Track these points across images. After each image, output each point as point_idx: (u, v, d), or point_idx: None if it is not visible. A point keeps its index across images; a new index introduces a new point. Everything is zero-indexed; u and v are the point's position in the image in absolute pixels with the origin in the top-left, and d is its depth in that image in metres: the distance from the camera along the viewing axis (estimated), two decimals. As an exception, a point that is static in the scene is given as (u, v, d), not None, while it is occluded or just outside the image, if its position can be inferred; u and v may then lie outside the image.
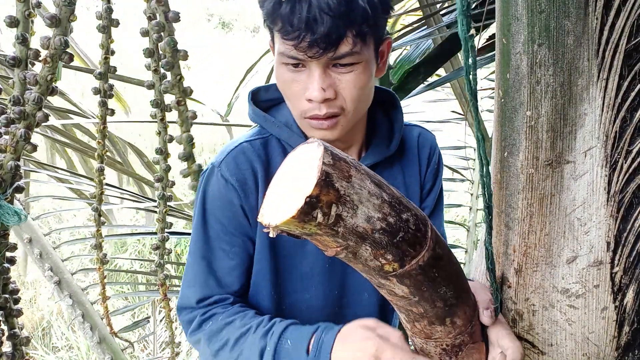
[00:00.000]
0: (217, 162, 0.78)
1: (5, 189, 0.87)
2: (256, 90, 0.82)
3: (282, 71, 0.71)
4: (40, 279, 3.27)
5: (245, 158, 0.77)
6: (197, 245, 0.79)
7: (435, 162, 0.90)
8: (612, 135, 0.62)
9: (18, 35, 0.85)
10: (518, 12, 0.61)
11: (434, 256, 0.51)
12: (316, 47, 0.65)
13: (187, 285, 0.80)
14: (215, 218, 0.78)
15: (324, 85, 0.68)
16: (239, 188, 0.75)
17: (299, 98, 0.71)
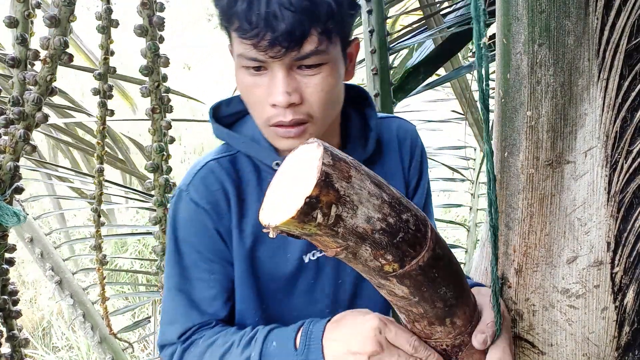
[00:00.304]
0: (185, 186, 0.72)
1: (5, 190, 0.87)
2: (217, 105, 0.76)
3: (242, 75, 0.65)
4: (40, 279, 3.27)
5: (215, 178, 0.72)
6: (174, 278, 0.74)
7: (419, 155, 0.84)
8: (612, 136, 0.62)
9: (17, 35, 0.85)
10: (518, 12, 0.61)
11: (434, 256, 0.51)
12: (278, 46, 0.59)
13: (168, 322, 0.75)
14: (190, 245, 0.73)
15: (288, 88, 0.62)
16: (212, 211, 0.71)
17: (262, 104, 0.65)
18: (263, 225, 0.45)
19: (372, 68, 1.39)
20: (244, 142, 0.73)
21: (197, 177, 0.72)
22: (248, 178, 0.74)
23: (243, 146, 0.73)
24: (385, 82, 1.40)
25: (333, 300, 0.78)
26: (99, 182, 1.16)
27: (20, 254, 1.75)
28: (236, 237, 0.72)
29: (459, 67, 1.55)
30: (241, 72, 0.65)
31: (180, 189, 0.74)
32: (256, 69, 0.64)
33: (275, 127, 0.66)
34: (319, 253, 0.75)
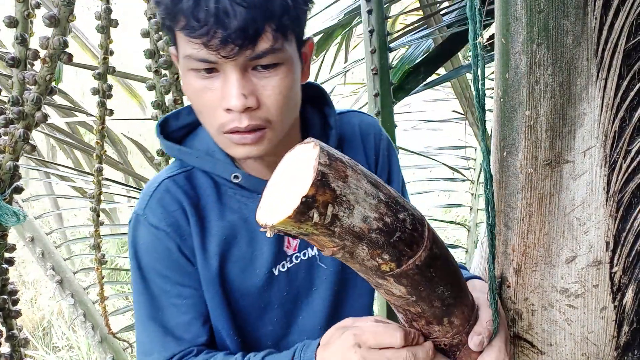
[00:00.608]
0: (141, 210, 0.68)
1: (4, 190, 0.87)
2: (164, 120, 0.71)
3: (191, 79, 0.59)
4: (40, 279, 3.27)
5: (171, 198, 0.67)
6: (144, 308, 0.69)
7: (385, 148, 0.80)
8: (611, 135, 0.62)
9: (17, 35, 0.85)
10: (517, 12, 0.61)
11: (431, 256, 0.51)
12: (230, 44, 0.54)
13: (144, 353, 0.70)
14: (156, 272, 0.68)
15: (243, 90, 0.57)
16: (173, 232, 0.67)
17: (215, 109, 0.60)
18: (260, 225, 0.45)
19: (372, 68, 1.39)
20: (197, 157, 0.68)
21: (153, 199, 0.68)
22: (207, 194, 0.69)
23: (197, 161, 0.69)
24: (385, 82, 1.40)
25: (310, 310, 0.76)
26: (98, 182, 1.16)
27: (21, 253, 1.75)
28: (200, 258, 0.68)
29: (459, 67, 1.55)
30: (190, 76, 0.60)
31: (136, 213, 0.69)
32: (207, 71, 0.58)
33: (230, 134, 0.61)
34: (288, 264, 0.73)
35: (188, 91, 0.62)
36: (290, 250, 0.73)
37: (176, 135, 0.72)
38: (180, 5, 0.55)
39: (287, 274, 0.73)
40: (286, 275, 0.73)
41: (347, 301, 0.79)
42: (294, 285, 0.74)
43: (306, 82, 0.71)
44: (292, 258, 0.73)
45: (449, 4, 1.57)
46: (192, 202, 0.68)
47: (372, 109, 1.43)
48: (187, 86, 0.62)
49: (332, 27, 1.70)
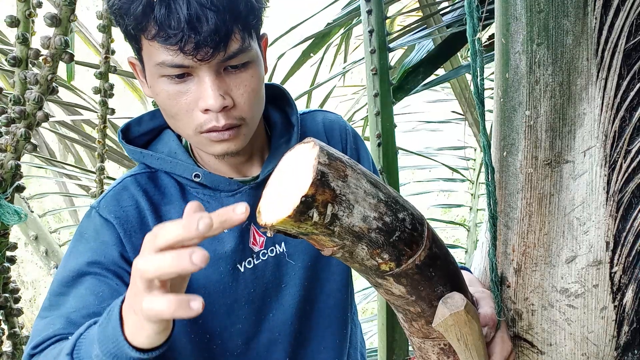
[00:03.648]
0: (96, 203, 0.69)
1: (6, 189, 0.87)
2: (125, 127, 0.72)
3: (163, 85, 0.61)
4: (40, 279, 3.27)
5: (129, 194, 0.69)
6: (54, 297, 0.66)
7: (352, 142, 0.82)
8: (611, 135, 0.62)
9: (19, 35, 0.86)
10: (517, 12, 0.61)
11: (431, 255, 0.51)
12: (204, 47, 0.57)
13: (45, 309, 0.66)
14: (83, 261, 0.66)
15: (220, 91, 0.60)
16: (119, 226, 0.67)
17: (191, 112, 0.62)
18: (260, 225, 0.46)
19: (372, 68, 1.39)
20: (159, 159, 0.70)
21: (110, 194, 0.69)
22: (170, 193, 0.70)
23: (158, 163, 0.70)
24: (385, 82, 1.40)
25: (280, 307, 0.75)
26: (100, 180, 1.16)
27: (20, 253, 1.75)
28: None
29: (458, 67, 1.55)
30: (161, 82, 0.61)
31: (91, 206, 0.70)
32: (179, 77, 0.60)
33: (207, 133, 0.63)
34: (255, 260, 0.73)
35: (159, 97, 0.63)
36: (256, 247, 0.73)
37: (139, 141, 0.74)
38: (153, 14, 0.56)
39: (253, 270, 0.73)
40: (253, 272, 0.73)
41: (319, 298, 0.78)
42: (262, 282, 0.74)
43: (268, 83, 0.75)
44: (259, 255, 0.73)
45: (449, 4, 1.57)
46: (151, 201, 0.69)
47: (371, 109, 1.43)
48: (158, 91, 0.63)
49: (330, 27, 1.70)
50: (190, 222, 0.40)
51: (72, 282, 0.66)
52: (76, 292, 0.65)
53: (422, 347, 0.62)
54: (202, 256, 0.40)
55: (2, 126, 0.87)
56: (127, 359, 0.49)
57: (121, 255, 0.67)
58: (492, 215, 0.64)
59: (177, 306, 0.41)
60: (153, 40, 0.58)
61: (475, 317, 0.56)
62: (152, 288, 0.44)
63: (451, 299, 0.54)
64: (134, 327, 0.47)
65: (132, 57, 0.67)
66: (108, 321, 0.50)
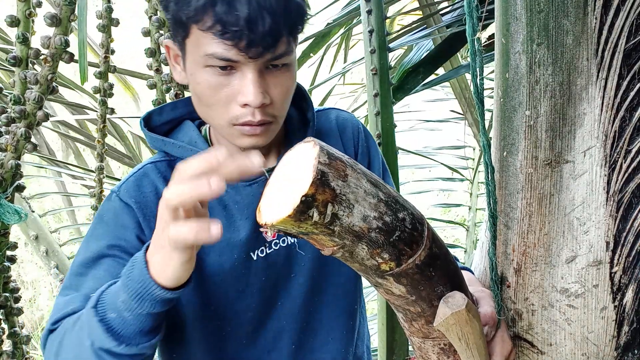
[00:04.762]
0: (117, 187, 0.71)
1: (6, 188, 0.87)
2: (147, 115, 0.75)
3: (206, 75, 0.63)
4: (40, 279, 3.27)
5: (149, 181, 0.71)
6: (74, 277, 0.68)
7: (363, 140, 0.84)
8: (611, 135, 0.62)
9: (19, 34, 0.86)
10: (517, 12, 0.61)
11: (431, 255, 0.51)
12: (257, 46, 0.60)
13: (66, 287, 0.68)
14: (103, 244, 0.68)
15: (261, 89, 0.63)
16: (138, 210, 0.68)
17: (229, 104, 0.64)
18: (260, 224, 0.46)
19: (372, 68, 1.40)
20: (180, 147, 0.72)
21: (131, 179, 0.71)
22: None
23: (179, 151, 0.72)
24: (385, 82, 1.40)
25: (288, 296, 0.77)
26: (99, 180, 1.16)
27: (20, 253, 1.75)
28: None
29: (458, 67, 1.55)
30: (205, 72, 0.63)
31: (112, 191, 0.72)
32: (224, 69, 0.62)
33: (241, 126, 0.65)
34: (267, 250, 0.74)
35: (200, 85, 0.65)
36: (269, 237, 0.75)
37: (160, 130, 0.76)
38: (214, 9, 0.58)
39: (265, 259, 0.74)
40: (265, 260, 0.74)
41: (328, 289, 0.80)
42: (273, 271, 0.75)
43: None
44: (272, 244, 0.75)
45: (449, 4, 1.57)
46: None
47: (371, 109, 1.43)
48: (200, 81, 0.65)
49: (330, 27, 1.70)
50: (211, 154, 0.46)
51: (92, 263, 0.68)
52: (95, 273, 0.67)
53: (422, 347, 0.62)
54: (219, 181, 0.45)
55: (3, 126, 0.87)
56: (153, 297, 0.54)
57: (139, 239, 0.69)
58: (492, 215, 0.64)
59: (199, 229, 0.47)
60: (207, 32, 0.60)
61: (476, 316, 0.56)
62: (178, 217, 0.49)
63: (452, 298, 0.54)
64: (160, 264, 0.52)
65: (169, 41, 0.68)
66: (132, 267, 0.55)
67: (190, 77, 0.66)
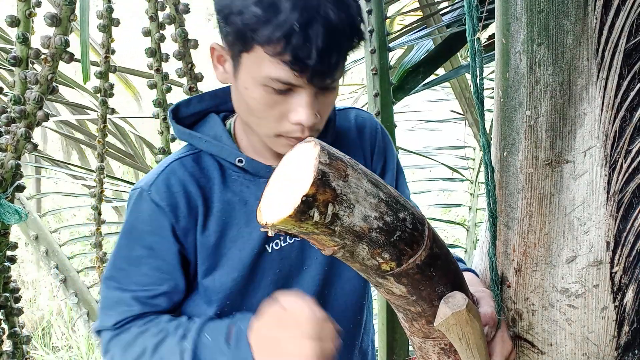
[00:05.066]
0: (147, 186, 0.73)
1: (6, 188, 0.87)
2: (175, 107, 0.77)
3: (262, 93, 0.65)
4: (40, 279, 3.27)
5: (177, 179, 0.72)
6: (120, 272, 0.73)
7: (380, 140, 0.86)
8: (611, 135, 0.62)
9: (19, 34, 0.86)
10: (517, 12, 0.62)
11: (432, 255, 0.51)
12: (322, 76, 0.63)
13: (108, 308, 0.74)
14: (143, 242, 0.73)
15: (314, 110, 0.65)
16: (170, 212, 0.71)
17: (280, 119, 0.67)
18: (261, 224, 0.46)
19: (372, 68, 1.40)
20: (206, 141, 0.74)
21: (160, 178, 0.73)
22: (213, 176, 0.74)
23: (205, 145, 0.74)
24: (385, 82, 1.40)
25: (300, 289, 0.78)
26: (99, 180, 1.16)
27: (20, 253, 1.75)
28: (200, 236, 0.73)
29: (458, 67, 1.55)
30: (261, 90, 0.65)
31: (142, 189, 0.73)
32: (281, 90, 0.64)
33: (287, 138, 0.68)
34: (282, 242, 0.77)
35: (253, 101, 0.67)
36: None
37: (186, 121, 0.77)
38: (290, 40, 0.60)
39: (280, 252, 0.76)
40: (279, 253, 0.76)
41: (337, 283, 0.82)
42: (287, 263, 0.77)
43: None
44: (287, 237, 0.77)
45: (448, 4, 1.57)
46: (197, 184, 0.73)
47: (372, 109, 1.43)
48: (254, 97, 0.66)
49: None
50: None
51: (134, 260, 0.73)
52: (138, 271, 0.72)
53: (422, 346, 0.62)
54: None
55: (3, 125, 0.87)
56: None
57: (175, 237, 0.72)
58: (492, 215, 0.64)
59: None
60: (275, 57, 0.61)
61: (477, 317, 0.56)
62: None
63: (453, 298, 0.54)
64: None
65: (218, 45, 0.69)
66: (238, 344, 0.63)
67: (243, 89, 0.67)
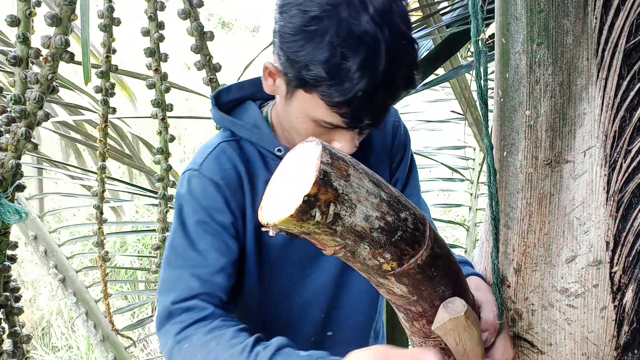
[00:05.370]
0: (197, 165, 0.75)
1: (7, 188, 0.87)
2: (217, 93, 0.80)
3: (312, 126, 0.68)
4: (40, 279, 3.27)
5: (227, 158, 0.75)
6: (178, 250, 0.74)
7: (402, 135, 0.90)
8: (611, 135, 0.62)
9: (19, 34, 0.86)
10: (517, 12, 0.62)
11: (433, 255, 0.52)
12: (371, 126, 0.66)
13: (167, 290, 0.73)
14: (198, 219, 0.73)
15: (356, 142, 0.69)
16: (225, 186, 0.73)
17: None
18: (262, 224, 0.46)
19: (373, 68, 1.39)
20: (247, 130, 0.76)
21: (211, 157, 0.75)
22: (255, 160, 0.77)
23: (246, 133, 0.76)
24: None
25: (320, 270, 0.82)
26: (101, 179, 1.16)
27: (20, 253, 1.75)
28: (249, 214, 0.76)
29: (458, 67, 1.55)
30: (310, 123, 0.68)
31: (192, 169, 0.75)
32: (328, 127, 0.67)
33: None
34: None
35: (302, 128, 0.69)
36: None
37: (226, 107, 0.80)
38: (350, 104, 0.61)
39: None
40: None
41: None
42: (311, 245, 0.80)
43: None
44: None
45: (449, 4, 1.57)
46: (244, 165, 0.76)
47: (372, 109, 1.42)
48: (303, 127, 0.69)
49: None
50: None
51: (192, 238, 0.73)
52: (197, 248, 0.73)
53: (423, 347, 0.62)
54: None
55: (3, 125, 0.87)
56: None
57: (230, 211, 0.74)
58: (494, 218, 0.64)
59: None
60: (331, 109, 0.63)
61: (475, 323, 0.56)
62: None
63: (452, 304, 0.54)
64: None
65: (273, 66, 0.69)
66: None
67: (293, 115, 0.69)
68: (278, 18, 0.63)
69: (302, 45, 0.60)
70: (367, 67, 0.58)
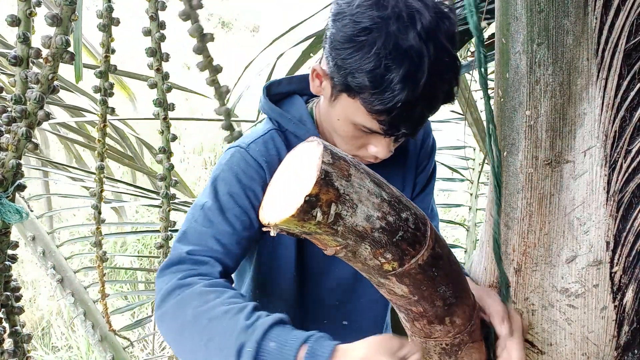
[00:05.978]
0: (245, 145, 0.77)
1: (7, 188, 0.87)
2: (269, 84, 0.83)
3: (352, 129, 0.71)
4: (40, 279, 3.27)
5: (274, 145, 0.78)
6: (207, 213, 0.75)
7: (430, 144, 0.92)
8: (611, 135, 0.62)
9: (19, 34, 0.85)
10: (517, 12, 0.62)
11: (434, 255, 0.52)
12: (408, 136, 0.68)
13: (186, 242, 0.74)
14: (232, 191, 0.75)
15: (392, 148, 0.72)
16: (267, 169, 0.75)
17: (360, 147, 0.73)
18: (263, 224, 0.46)
19: (373, 68, 1.39)
20: (293, 123, 0.79)
21: (260, 140, 0.77)
22: None
23: (292, 126, 0.79)
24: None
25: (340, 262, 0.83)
26: (100, 179, 1.16)
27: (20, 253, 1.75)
28: None
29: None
30: (351, 127, 0.70)
31: (239, 146, 0.77)
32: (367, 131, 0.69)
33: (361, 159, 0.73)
34: None
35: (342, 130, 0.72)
36: None
37: (274, 99, 0.83)
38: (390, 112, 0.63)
39: None
40: None
41: None
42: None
43: None
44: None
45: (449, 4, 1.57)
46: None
47: (372, 109, 1.42)
48: (343, 128, 0.72)
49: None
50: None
51: (222, 206, 0.75)
52: (224, 216, 0.74)
53: (423, 347, 0.62)
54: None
55: (4, 125, 0.87)
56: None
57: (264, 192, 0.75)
58: (498, 223, 0.64)
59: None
60: (371, 115, 0.65)
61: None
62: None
63: None
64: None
65: (321, 69, 0.72)
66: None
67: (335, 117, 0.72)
68: (331, 25, 0.66)
69: (350, 54, 0.63)
70: (409, 80, 0.61)
